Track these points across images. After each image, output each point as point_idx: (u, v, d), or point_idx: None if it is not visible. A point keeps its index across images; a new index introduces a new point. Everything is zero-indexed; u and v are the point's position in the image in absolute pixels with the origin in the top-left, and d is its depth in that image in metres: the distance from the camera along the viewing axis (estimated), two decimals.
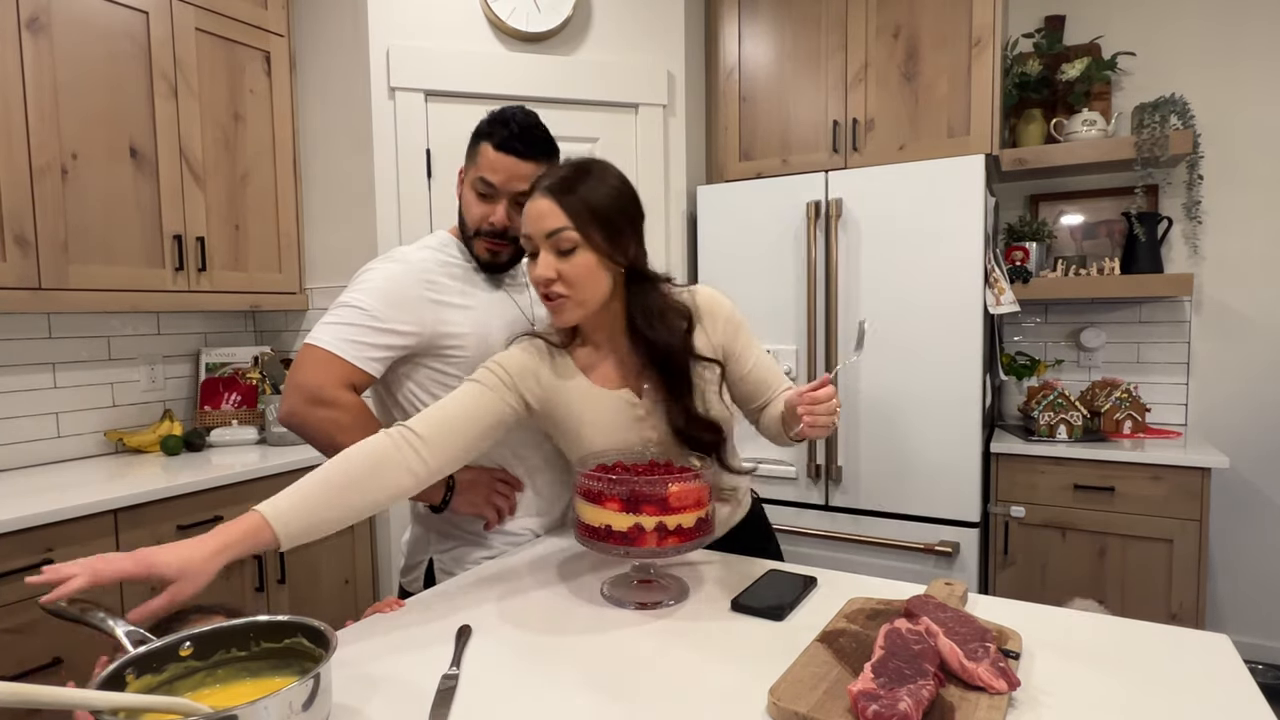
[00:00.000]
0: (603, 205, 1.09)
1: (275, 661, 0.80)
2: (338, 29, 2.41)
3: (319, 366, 1.20)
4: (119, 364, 2.37)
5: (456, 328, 1.29)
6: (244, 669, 0.79)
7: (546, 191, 1.09)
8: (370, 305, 1.23)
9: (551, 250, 1.08)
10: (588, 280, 1.09)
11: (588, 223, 1.08)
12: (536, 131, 1.29)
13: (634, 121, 2.57)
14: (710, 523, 1.08)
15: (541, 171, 1.21)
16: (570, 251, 1.08)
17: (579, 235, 1.07)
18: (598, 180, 1.11)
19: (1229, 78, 2.61)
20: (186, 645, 0.76)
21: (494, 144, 1.27)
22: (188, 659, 0.76)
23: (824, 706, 0.75)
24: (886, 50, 2.55)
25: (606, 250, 1.10)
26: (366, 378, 1.24)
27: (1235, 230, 2.63)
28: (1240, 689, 0.80)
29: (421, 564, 1.39)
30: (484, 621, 1.01)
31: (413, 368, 1.31)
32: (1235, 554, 2.68)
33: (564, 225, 1.07)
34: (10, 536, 1.60)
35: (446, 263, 1.34)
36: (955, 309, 2.27)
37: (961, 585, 1.04)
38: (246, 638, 0.79)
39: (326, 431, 1.20)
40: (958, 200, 2.25)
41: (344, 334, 1.21)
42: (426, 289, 1.28)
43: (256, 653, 0.79)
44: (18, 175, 1.85)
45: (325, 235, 2.54)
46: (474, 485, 1.32)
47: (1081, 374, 2.84)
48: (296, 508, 0.97)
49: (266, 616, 0.81)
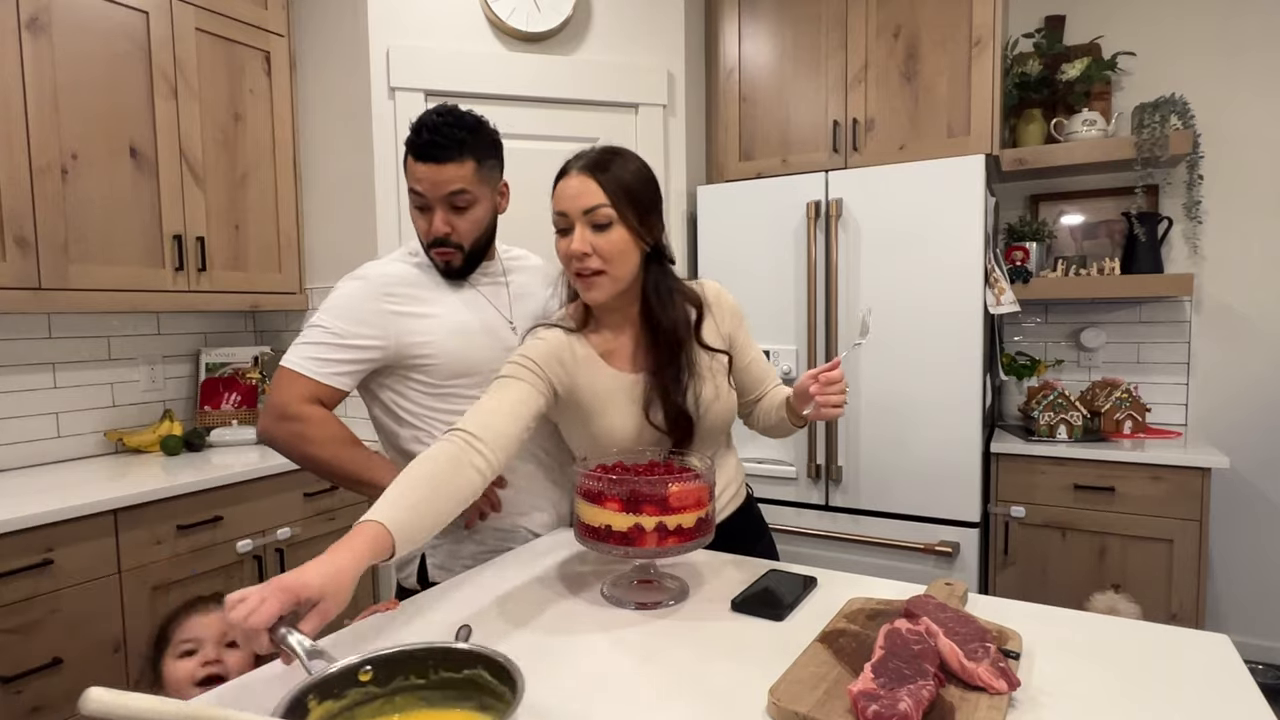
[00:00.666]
0: (634, 184, 1.14)
1: (452, 693, 0.75)
2: (338, 29, 2.41)
3: (285, 385, 1.28)
4: (119, 364, 2.37)
5: (421, 336, 1.32)
6: (421, 698, 0.75)
7: (582, 169, 1.14)
8: (331, 323, 1.29)
9: (587, 226, 1.13)
10: (621, 256, 1.14)
11: (622, 200, 1.13)
12: (450, 131, 1.26)
13: (634, 121, 2.57)
14: (710, 523, 1.08)
15: (468, 168, 1.27)
16: (605, 227, 1.13)
17: (614, 211, 1.12)
18: (627, 160, 1.17)
19: (1229, 78, 2.61)
20: (366, 669, 0.73)
21: (414, 154, 1.28)
22: (368, 684, 0.73)
23: (824, 706, 0.75)
24: (886, 50, 2.55)
25: (637, 228, 1.14)
26: (334, 392, 1.30)
27: (1235, 230, 2.63)
28: (1240, 689, 0.80)
29: (414, 559, 1.39)
30: (484, 622, 1.01)
31: (392, 378, 1.35)
32: (1235, 554, 2.68)
33: (601, 202, 1.12)
34: (10, 536, 1.60)
35: (415, 273, 1.36)
36: (955, 309, 2.27)
37: (961, 585, 1.04)
38: (425, 665, 0.75)
39: (293, 444, 1.28)
40: (958, 200, 2.25)
41: (308, 353, 1.28)
42: (387, 301, 1.31)
43: (434, 681, 0.75)
44: (18, 175, 1.85)
45: (325, 235, 2.54)
46: None
47: (1081, 374, 2.84)
48: (408, 515, 0.93)
49: (446, 644, 0.77)
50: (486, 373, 1.32)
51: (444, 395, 1.35)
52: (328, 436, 1.28)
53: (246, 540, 2.03)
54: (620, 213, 1.12)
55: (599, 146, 1.19)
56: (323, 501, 2.25)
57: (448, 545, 1.37)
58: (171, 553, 1.88)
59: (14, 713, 1.60)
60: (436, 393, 1.34)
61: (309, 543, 2.21)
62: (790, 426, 1.30)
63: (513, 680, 0.69)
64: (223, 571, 2.00)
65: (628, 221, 1.13)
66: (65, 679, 1.68)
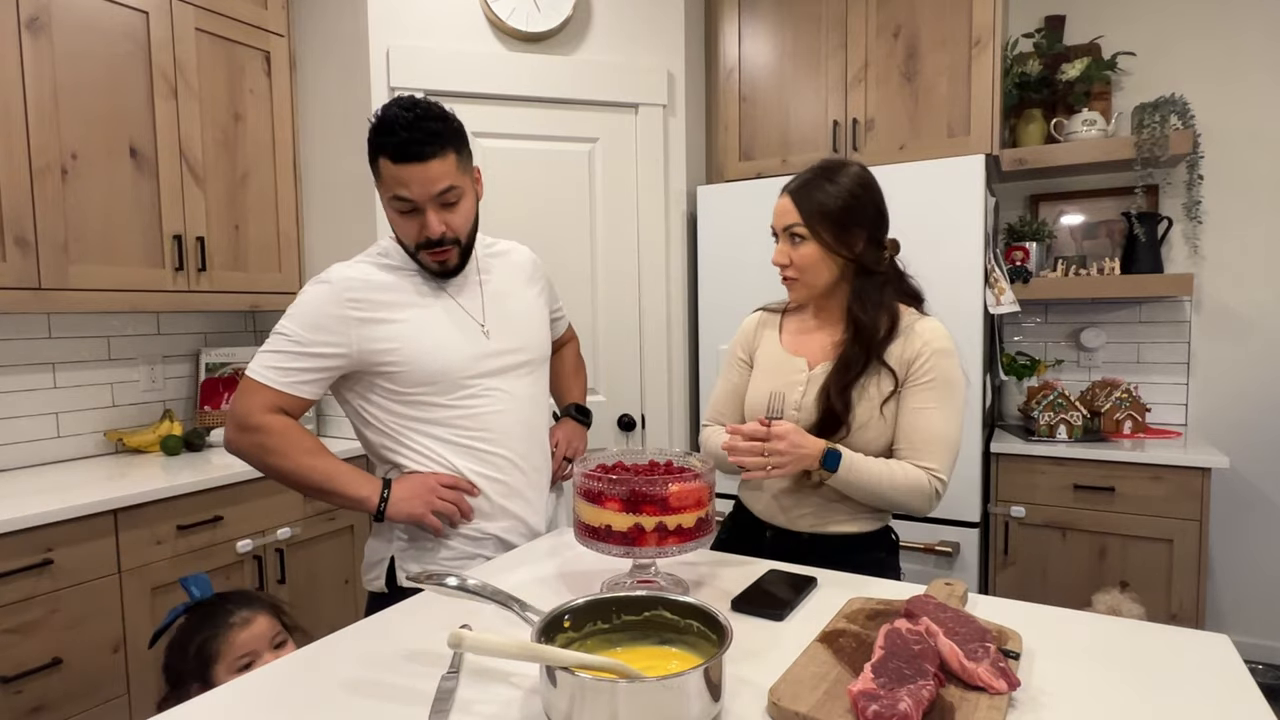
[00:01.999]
0: (833, 206, 1.28)
1: (634, 633, 0.86)
2: (338, 29, 2.41)
3: (247, 395, 1.25)
4: (119, 364, 2.37)
5: (386, 343, 1.27)
6: (606, 640, 0.85)
7: (788, 192, 1.32)
8: (293, 331, 1.26)
9: (787, 240, 1.32)
10: (812, 267, 1.31)
11: (816, 220, 1.28)
12: (426, 125, 1.21)
13: (634, 121, 2.57)
14: (710, 523, 1.08)
15: (451, 161, 1.24)
16: (801, 242, 1.29)
17: (807, 230, 1.29)
18: (832, 183, 1.29)
19: (1229, 78, 2.61)
20: (568, 619, 0.83)
21: (390, 157, 1.21)
22: (568, 629, 0.83)
23: (824, 707, 0.75)
24: (886, 50, 2.55)
25: (831, 244, 1.29)
26: (297, 401, 1.27)
27: (1235, 230, 2.63)
28: (1240, 689, 0.80)
29: (383, 562, 1.36)
30: (484, 622, 1.01)
31: (361, 385, 1.32)
32: (1235, 554, 2.68)
33: (795, 222, 1.30)
34: (10, 536, 1.60)
35: (382, 275, 1.31)
36: (955, 309, 2.27)
37: (961, 585, 1.04)
38: (609, 610, 0.86)
39: (256, 454, 1.26)
40: (958, 200, 2.24)
41: (270, 361, 1.26)
42: (350, 308, 1.26)
43: (617, 625, 0.86)
44: (18, 175, 1.85)
45: (325, 235, 2.54)
46: (412, 493, 1.28)
47: (1081, 374, 2.84)
48: None
49: (629, 593, 0.88)
50: (456, 379, 1.30)
51: (412, 403, 1.31)
52: (290, 446, 1.25)
53: (246, 540, 2.03)
54: (813, 231, 1.28)
55: (819, 164, 1.33)
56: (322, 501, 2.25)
57: (414, 551, 1.35)
58: (171, 553, 1.88)
59: (14, 713, 1.60)
60: (405, 400, 1.30)
61: (309, 543, 2.21)
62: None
63: (704, 614, 0.81)
64: (223, 571, 2.00)
65: (820, 239, 1.28)
66: (65, 679, 1.68)
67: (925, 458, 1.26)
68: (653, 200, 2.58)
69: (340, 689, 0.83)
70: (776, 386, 1.36)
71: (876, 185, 1.33)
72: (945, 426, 1.27)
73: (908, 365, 1.29)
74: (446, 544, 1.35)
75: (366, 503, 1.28)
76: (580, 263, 2.53)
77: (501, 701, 0.81)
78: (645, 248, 2.60)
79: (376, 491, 1.28)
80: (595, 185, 2.53)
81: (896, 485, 1.25)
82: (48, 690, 1.66)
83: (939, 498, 1.27)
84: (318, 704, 0.81)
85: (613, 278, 2.57)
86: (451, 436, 1.33)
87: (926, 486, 1.25)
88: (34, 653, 1.64)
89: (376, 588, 1.36)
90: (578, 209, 2.51)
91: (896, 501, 1.27)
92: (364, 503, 1.28)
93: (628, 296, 2.59)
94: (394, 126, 1.20)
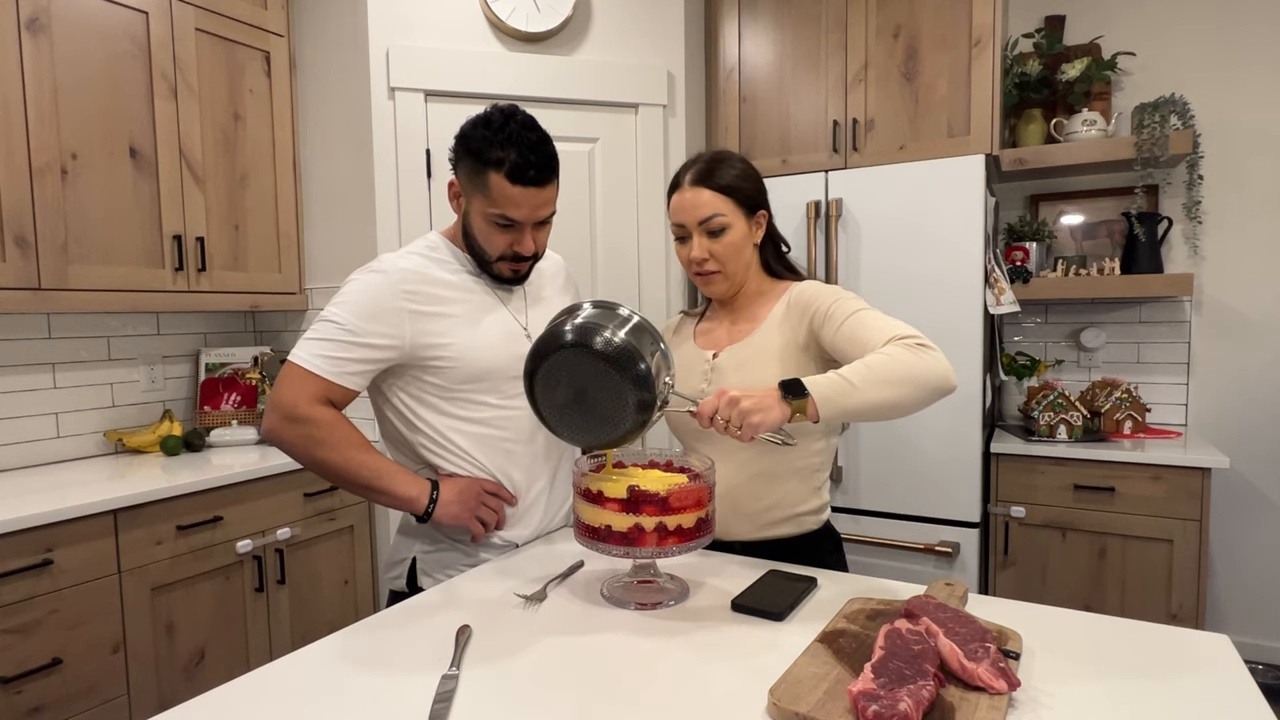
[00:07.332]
0: (746, 187, 1.28)
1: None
2: (337, 29, 2.41)
3: (294, 383, 1.20)
4: (119, 364, 2.37)
5: (438, 338, 1.26)
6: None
7: (697, 185, 1.27)
8: (346, 319, 1.22)
9: (702, 235, 1.27)
10: (735, 255, 1.29)
11: (738, 203, 1.27)
12: (547, 149, 1.22)
13: (634, 121, 2.57)
14: (710, 523, 1.08)
15: (556, 185, 1.26)
16: (719, 233, 1.27)
17: (729, 218, 1.26)
18: (732, 166, 1.28)
19: (1229, 78, 2.61)
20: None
21: (508, 176, 1.18)
22: None
23: (824, 707, 0.75)
24: (886, 50, 2.55)
25: (750, 226, 1.29)
26: (345, 392, 1.23)
27: (1235, 230, 2.63)
28: (1240, 689, 0.80)
29: (405, 561, 1.36)
30: (484, 622, 1.01)
31: (403, 380, 1.29)
32: (1235, 554, 2.68)
33: (716, 212, 1.26)
34: (10, 537, 1.60)
35: (433, 269, 1.30)
36: (955, 309, 2.27)
37: (962, 585, 1.04)
38: None
39: (303, 447, 1.22)
40: (958, 200, 2.25)
41: (320, 349, 1.21)
42: (406, 299, 1.24)
43: None
44: (18, 175, 1.85)
45: (325, 235, 2.54)
46: (460, 497, 1.28)
47: (1081, 374, 2.84)
48: None
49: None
50: (498, 379, 1.30)
51: (455, 399, 1.30)
52: (340, 440, 1.22)
53: (246, 540, 2.03)
54: (735, 215, 1.27)
55: (707, 152, 1.31)
56: (323, 501, 2.25)
57: (436, 555, 1.34)
58: (171, 553, 1.88)
59: (14, 713, 1.60)
60: (448, 396, 1.29)
61: (309, 543, 2.21)
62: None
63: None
64: (223, 572, 2.00)
65: (744, 221, 1.28)
66: (65, 679, 1.68)
67: (886, 339, 1.09)
68: (653, 201, 2.58)
69: (340, 688, 0.83)
70: (691, 381, 1.32)
71: None
72: (883, 318, 1.14)
73: (808, 312, 1.23)
74: (467, 551, 1.33)
75: (415, 503, 1.25)
76: (580, 263, 2.53)
77: (502, 701, 0.81)
78: (645, 248, 2.60)
79: (425, 493, 1.26)
80: (595, 185, 2.53)
81: (888, 365, 1.03)
82: (48, 690, 1.66)
83: (937, 351, 1.06)
84: (318, 703, 0.81)
85: (613, 278, 2.57)
86: (490, 435, 1.31)
87: (914, 348, 1.05)
88: (34, 653, 1.63)
89: (397, 586, 1.36)
90: (578, 209, 2.51)
91: (901, 378, 1.02)
92: (412, 503, 1.25)
93: (627, 296, 2.59)
94: (517, 143, 1.18)
